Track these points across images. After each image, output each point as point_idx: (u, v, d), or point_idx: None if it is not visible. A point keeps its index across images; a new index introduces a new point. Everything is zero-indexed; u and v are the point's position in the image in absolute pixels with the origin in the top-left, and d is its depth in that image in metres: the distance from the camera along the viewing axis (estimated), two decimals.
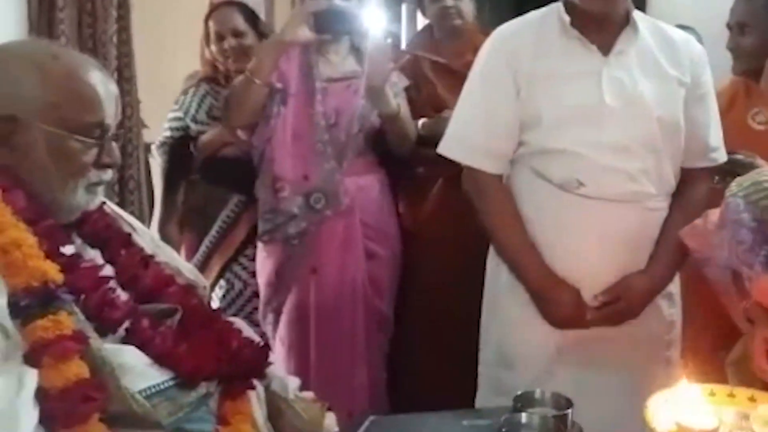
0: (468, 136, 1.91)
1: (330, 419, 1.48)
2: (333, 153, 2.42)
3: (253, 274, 2.59)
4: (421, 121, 2.49)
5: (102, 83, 1.25)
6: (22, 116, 1.18)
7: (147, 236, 1.44)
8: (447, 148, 1.94)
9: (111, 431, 1.09)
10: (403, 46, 3.74)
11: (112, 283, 1.23)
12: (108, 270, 1.26)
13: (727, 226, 1.53)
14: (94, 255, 1.29)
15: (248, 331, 1.41)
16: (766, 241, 1.47)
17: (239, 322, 1.43)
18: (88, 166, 1.23)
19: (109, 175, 1.29)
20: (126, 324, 1.20)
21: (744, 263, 1.49)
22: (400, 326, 2.57)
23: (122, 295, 1.23)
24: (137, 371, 1.15)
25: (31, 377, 1.05)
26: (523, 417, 1.41)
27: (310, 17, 2.39)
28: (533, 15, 1.94)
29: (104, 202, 1.34)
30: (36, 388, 1.05)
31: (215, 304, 2.27)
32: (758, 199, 1.49)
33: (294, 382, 1.49)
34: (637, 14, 1.86)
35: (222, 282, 2.62)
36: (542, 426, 1.39)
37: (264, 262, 2.51)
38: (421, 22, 3.79)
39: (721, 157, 1.93)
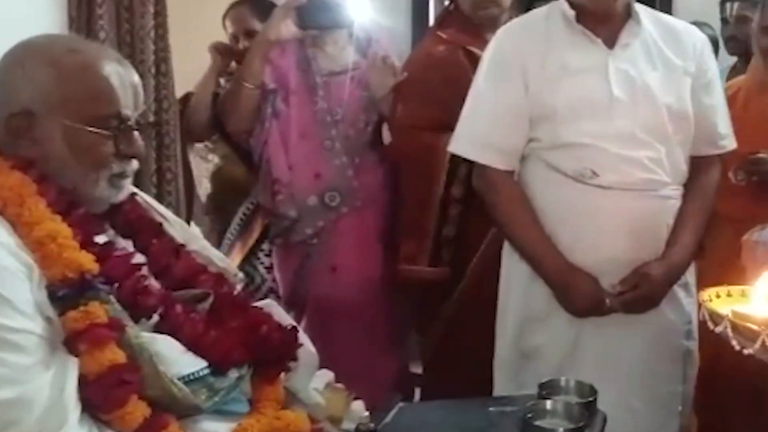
0: (477, 133, 1.91)
1: (358, 406, 1.50)
2: (342, 149, 2.37)
3: (269, 270, 2.58)
4: None
5: (117, 74, 1.23)
6: (37, 110, 1.19)
7: (178, 225, 1.45)
8: (457, 146, 1.96)
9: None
10: None
11: (144, 271, 1.24)
12: (139, 258, 1.28)
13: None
14: (126, 245, 1.30)
15: (279, 312, 1.42)
16: None
17: (271, 304, 1.45)
18: (109, 157, 1.23)
19: (133, 165, 1.28)
20: (159, 310, 1.22)
21: None
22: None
23: (154, 284, 1.25)
24: (172, 359, 1.18)
25: (73, 366, 1.08)
26: (548, 404, 1.43)
27: (293, 12, 2.32)
28: (537, 12, 1.95)
29: (135, 193, 1.35)
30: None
31: None
32: None
33: (326, 375, 1.51)
34: (638, 6, 1.88)
35: (241, 275, 2.62)
36: (567, 413, 1.40)
37: (282, 264, 2.48)
38: None
39: (731, 144, 1.95)
